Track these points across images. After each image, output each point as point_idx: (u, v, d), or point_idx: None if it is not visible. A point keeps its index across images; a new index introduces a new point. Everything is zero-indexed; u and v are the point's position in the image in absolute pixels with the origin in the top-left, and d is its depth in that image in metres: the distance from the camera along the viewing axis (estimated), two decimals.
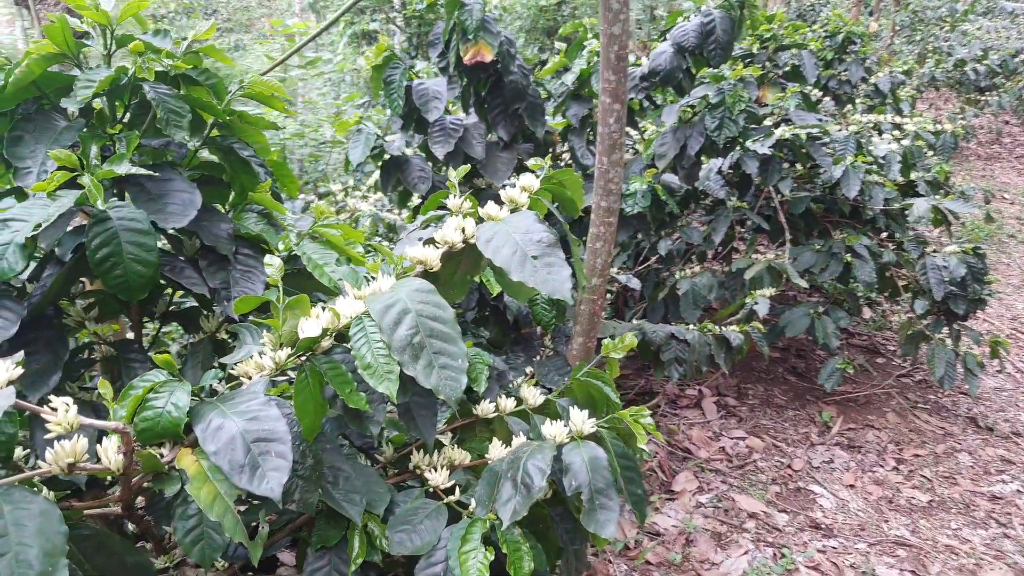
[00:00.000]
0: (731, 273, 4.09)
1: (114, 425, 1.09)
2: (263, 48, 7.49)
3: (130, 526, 1.64)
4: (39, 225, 1.32)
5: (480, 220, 1.59)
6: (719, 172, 4.07)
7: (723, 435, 4.03)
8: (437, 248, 1.54)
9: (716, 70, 3.36)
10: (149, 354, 1.74)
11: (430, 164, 3.05)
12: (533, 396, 1.75)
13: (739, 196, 4.19)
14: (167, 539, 1.58)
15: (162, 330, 2.13)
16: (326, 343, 1.39)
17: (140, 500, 1.47)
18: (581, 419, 1.51)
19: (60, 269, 1.49)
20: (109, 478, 1.22)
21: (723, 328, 3.60)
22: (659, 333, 3.44)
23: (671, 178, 3.82)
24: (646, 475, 3.61)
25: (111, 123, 1.63)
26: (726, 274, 4.15)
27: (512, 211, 1.66)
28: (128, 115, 1.68)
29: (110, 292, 1.46)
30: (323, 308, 1.39)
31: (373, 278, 1.48)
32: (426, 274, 1.53)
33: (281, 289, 1.39)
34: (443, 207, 1.71)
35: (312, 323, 1.36)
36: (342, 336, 1.40)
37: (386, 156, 3.01)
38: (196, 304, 1.88)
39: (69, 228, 1.53)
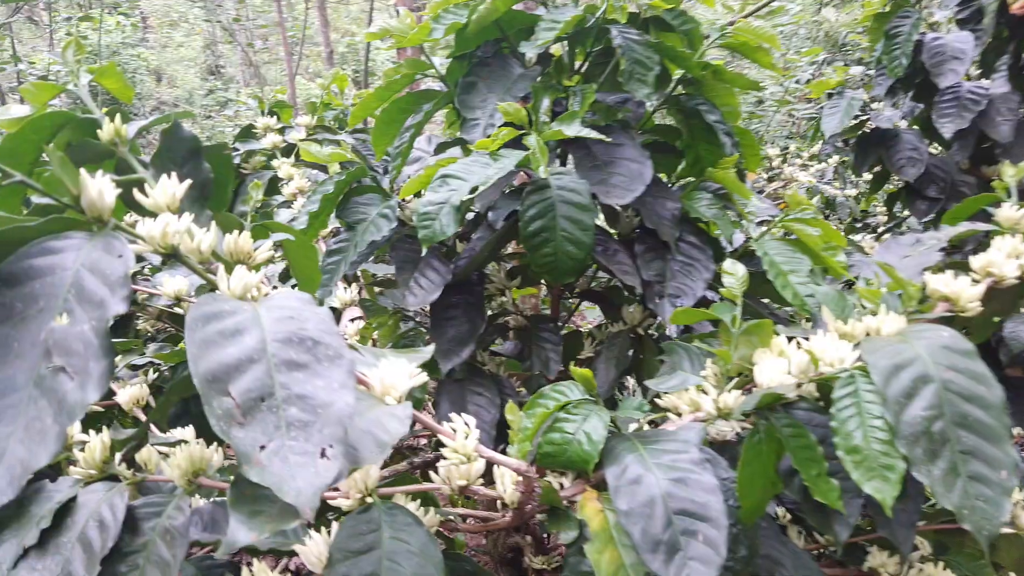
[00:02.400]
0: None
1: (517, 464, 0.86)
2: None
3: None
4: (476, 188, 1.15)
5: None
6: None
7: None
8: (975, 282, 1.03)
9: None
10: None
11: (926, 143, 2.38)
12: None
13: None
14: None
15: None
16: (791, 394, 1.00)
17: None
18: None
19: (491, 234, 1.34)
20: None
21: None
22: None
23: None
24: None
25: (568, 73, 1.41)
26: None
27: None
28: (586, 64, 1.45)
29: (535, 271, 1.26)
30: (796, 344, 1.00)
31: (866, 309, 1.04)
32: (948, 319, 1.04)
33: (740, 308, 1.03)
34: (985, 217, 1.17)
35: (774, 364, 0.97)
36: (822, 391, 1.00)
37: (867, 128, 2.42)
38: (619, 285, 1.63)
39: (506, 190, 1.36)
